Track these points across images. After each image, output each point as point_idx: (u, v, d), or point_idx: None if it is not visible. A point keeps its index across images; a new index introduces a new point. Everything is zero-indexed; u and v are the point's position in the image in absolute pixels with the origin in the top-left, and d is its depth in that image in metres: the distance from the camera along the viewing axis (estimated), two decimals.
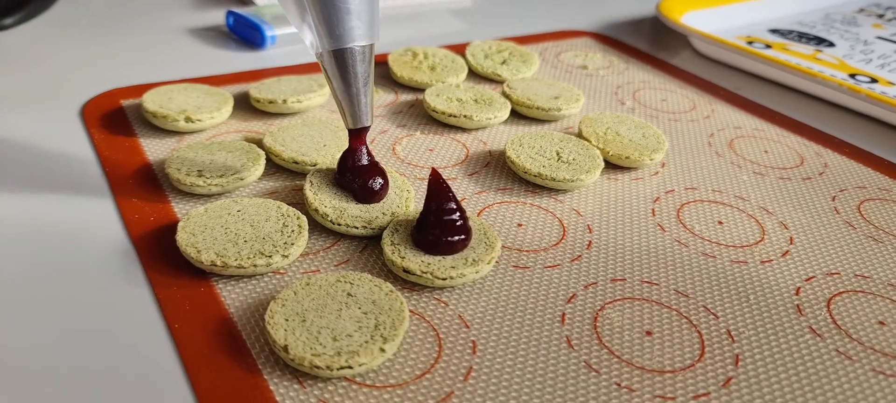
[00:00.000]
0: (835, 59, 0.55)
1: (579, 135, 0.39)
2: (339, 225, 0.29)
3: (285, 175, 0.34)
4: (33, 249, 0.28)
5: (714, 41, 0.53)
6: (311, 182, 0.31)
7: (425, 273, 0.27)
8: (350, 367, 0.23)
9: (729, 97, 0.48)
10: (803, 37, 0.60)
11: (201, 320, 0.25)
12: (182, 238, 0.28)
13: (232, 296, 0.26)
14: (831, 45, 0.58)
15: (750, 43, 0.57)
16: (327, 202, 0.30)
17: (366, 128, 0.30)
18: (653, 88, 0.48)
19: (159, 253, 0.28)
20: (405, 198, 0.32)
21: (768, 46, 0.56)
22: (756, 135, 0.43)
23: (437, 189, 0.28)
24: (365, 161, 0.31)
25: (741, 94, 0.48)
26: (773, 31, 0.60)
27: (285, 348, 0.23)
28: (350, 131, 0.30)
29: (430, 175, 0.29)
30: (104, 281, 0.27)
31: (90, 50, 0.48)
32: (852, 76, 0.51)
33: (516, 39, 0.55)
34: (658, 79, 0.50)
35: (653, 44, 0.58)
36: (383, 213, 0.30)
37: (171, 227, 0.30)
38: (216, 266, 0.26)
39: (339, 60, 0.28)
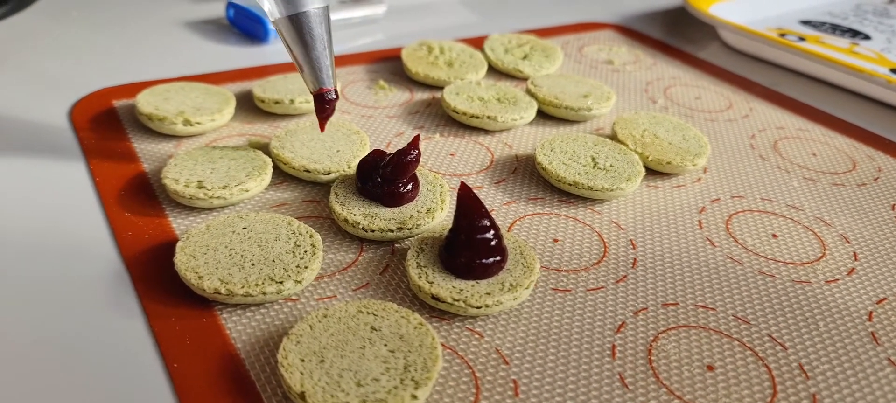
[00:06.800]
0: (872, 52, 0.52)
1: (613, 138, 0.35)
2: (372, 231, 0.27)
3: (295, 185, 0.31)
4: (11, 271, 0.25)
5: (750, 34, 0.49)
6: (336, 193, 0.29)
7: (457, 300, 0.24)
8: None
9: (766, 94, 0.45)
10: (837, 29, 0.56)
11: (203, 357, 0.22)
12: (181, 261, 0.24)
13: (238, 329, 0.23)
14: (867, 37, 0.55)
15: (782, 36, 0.53)
16: (356, 209, 0.28)
17: (331, 93, 0.29)
18: (684, 85, 0.45)
19: (155, 277, 0.25)
20: (439, 192, 0.29)
21: (802, 39, 0.53)
22: (801, 136, 0.39)
23: (468, 204, 0.25)
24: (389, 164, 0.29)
25: (779, 91, 0.45)
26: (805, 23, 0.57)
27: (302, 395, 0.20)
28: (315, 97, 0.29)
29: (459, 189, 0.26)
30: (93, 311, 0.24)
31: (80, 45, 0.45)
32: (894, 71, 0.48)
33: (535, 32, 0.51)
34: (689, 75, 0.47)
35: (678, 36, 0.55)
36: (419, 211, 0.28)
37: (168, 246, 0.26)
38: (220, 294, 0.23)
39: (297, 25, 0.28)
